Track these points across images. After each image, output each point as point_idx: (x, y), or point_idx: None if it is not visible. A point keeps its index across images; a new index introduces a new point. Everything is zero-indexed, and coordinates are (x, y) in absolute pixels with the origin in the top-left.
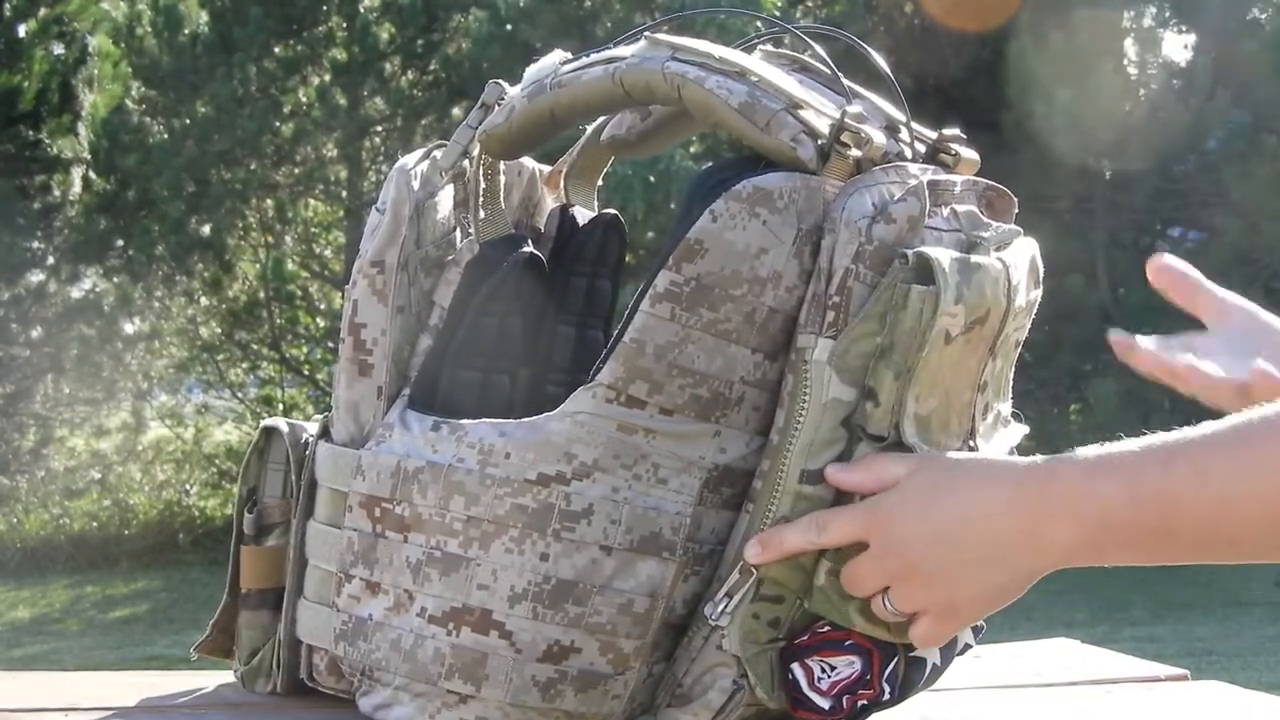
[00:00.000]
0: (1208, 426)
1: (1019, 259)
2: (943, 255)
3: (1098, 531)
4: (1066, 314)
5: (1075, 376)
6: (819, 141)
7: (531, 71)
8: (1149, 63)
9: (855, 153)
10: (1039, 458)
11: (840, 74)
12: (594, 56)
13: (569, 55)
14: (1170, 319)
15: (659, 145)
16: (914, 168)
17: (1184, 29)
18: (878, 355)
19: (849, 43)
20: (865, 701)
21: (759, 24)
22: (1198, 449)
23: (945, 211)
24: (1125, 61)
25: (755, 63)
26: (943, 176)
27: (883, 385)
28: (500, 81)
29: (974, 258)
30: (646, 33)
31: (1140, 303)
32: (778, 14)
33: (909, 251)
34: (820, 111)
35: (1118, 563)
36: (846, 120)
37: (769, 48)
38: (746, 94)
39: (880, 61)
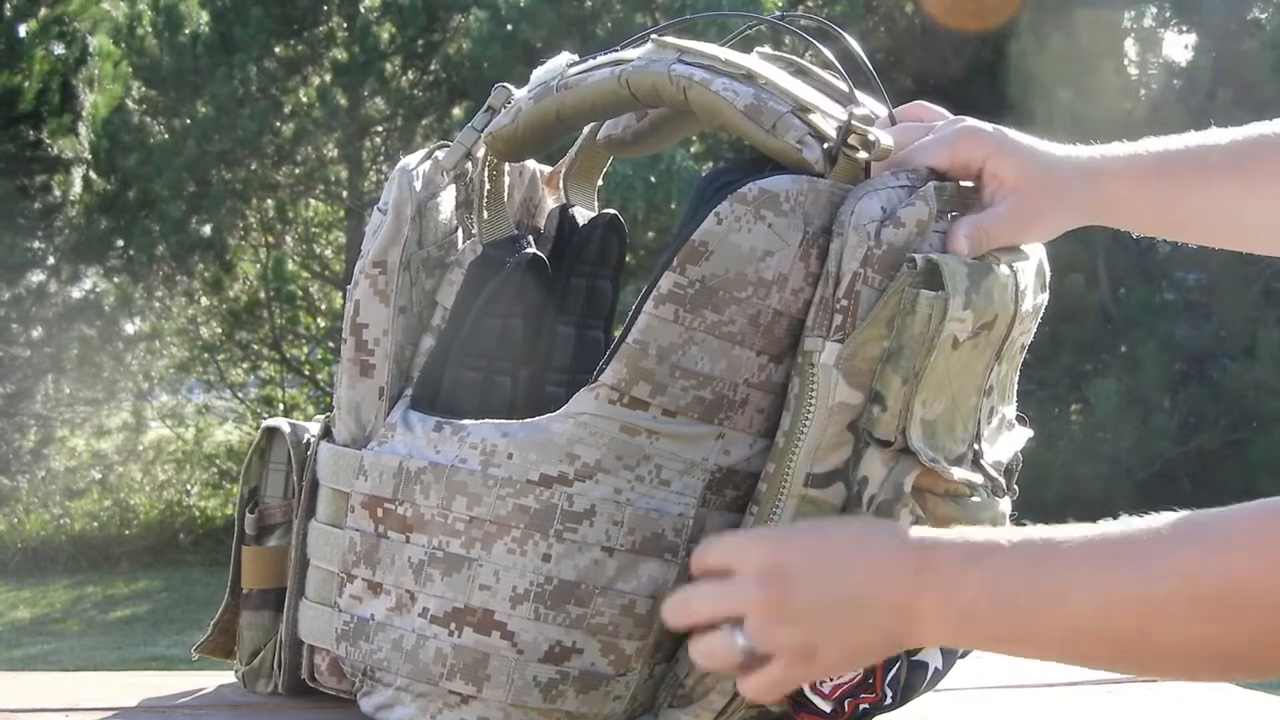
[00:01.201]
0: (1086, 531)
1: (1026, 264)
2: (952, 260)
3: (960, 622)
4: (1067, 314)
5: (1076, 376)
6: (825, 144)
7: (538, 74)
8: (1149, 63)
9: (862, 155)
10: (925, 532)
11: (842, 74)
12: (600, 59)
13: (575, 58)
14: (1170, 319)
15: (656, 145)
16: (922, 170)
17: (1184, 29)
18: (885, 359)
19: (843, 42)
20: (867, 705)
21: (763, 28)
22: (1065, 561)
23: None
24: (1126, 61)
25: (761, 65)
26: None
27: (890, 389)
28: (506, 85)
29: (983, 263)
30: (653, 35)
31: (1141, 303)
32: (779, 14)
33: (917, 256)
34: (827, 114)
35: (983, 650)
36: (853, 123)
37: (767, 49)
38: (753, 96)
39: (860, 53)
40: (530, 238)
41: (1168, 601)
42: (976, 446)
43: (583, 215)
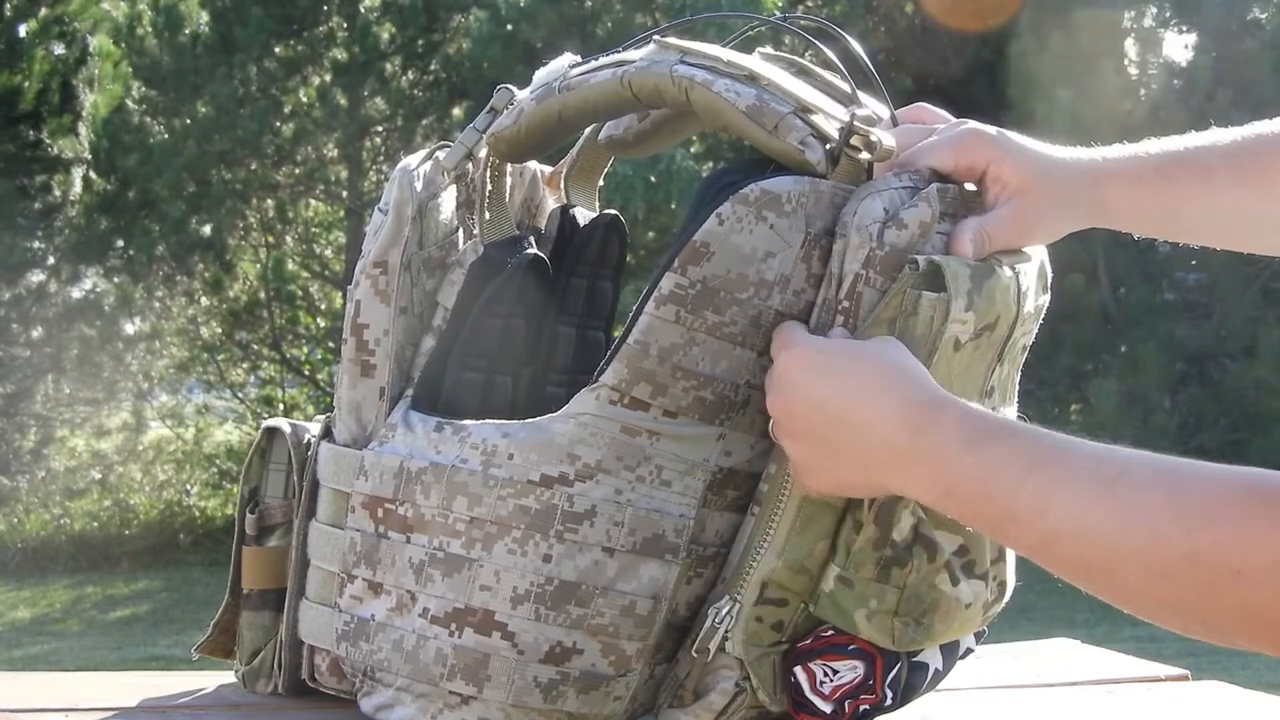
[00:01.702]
0: (1082, 448)
1: (1028, 265)
2: (954, 262)
3: (946, 499)
4: (1067, 314)
5: (1076, 376)
6: (828, 145)
7: (540, 75)
8: (1149, 63)
9: (865, 156)
10: (938, 395)
11: (844, 74)
12: (603, 60)
13: (578, 59)
14: (1171, 319)
15: (657, 146)
16: (925, 172)
17: (1184, 29)
18: None
19: (842, 42)
20: (867, 706)
21: (763, 29)
22: (1054, 476)
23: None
24: (1126, 61)
25: (763, 66)
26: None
27: None
28: (509, 86)
29: (985, 264)
30: (655, 36)
31: (1141, 303)
32: (779, 14)
33: (920, 258)
34: (829, 115)
35: (958, 520)
36: (855, 124)
37: (768, 49)
38: (755, 97)
39: (861, 54)
40: (531, 238)
41: (1133, 554)
42: None
43: (584, 216)
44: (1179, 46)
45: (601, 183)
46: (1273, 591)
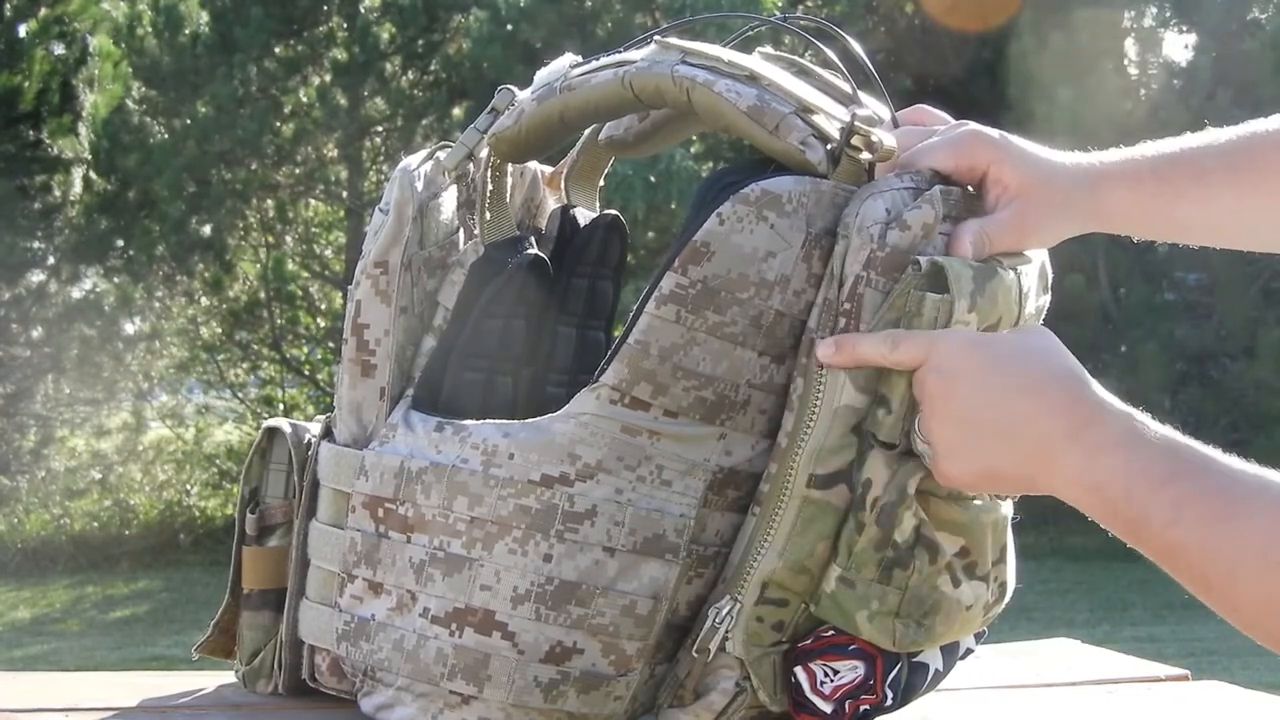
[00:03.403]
0: (1224, 465)
1: (1029, 266)
2: (956, 263)
3: (1090, 494)
4: (1067, 314)
5: None
6: (828, 145)
7: (542, 75)
8: (1149, 63)
9: (866, 156)
10: (1094, 391)
11: (844, 74)
12: (604, 60)
13: (579, 59)
14: (1171, 319)
15: (657, 146)
16: (926, 172)
17: (1184, 29)
18: None
19: (842, 42)
20: (867, 706)
21: (763, 29)
22: (1186, 489)
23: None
24: (1126, 61)
25: (764, 66)
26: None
27: (895, 392)
28: (510, 87)
29: (987, 265)
30: (655, 37)
31: (1141, 303)
32: (779, 14)
33: (922, 259)
34: (830, 115)
35: (1098, 519)
36: (856, 124)
37: (768, 49)
38: (756, 97)
39: (861, 54)
40: (531, 238)
41: (1247, 579)
42: None
43: (584, 216)
44: (1179, 46)
45: (602, 183)
46: None
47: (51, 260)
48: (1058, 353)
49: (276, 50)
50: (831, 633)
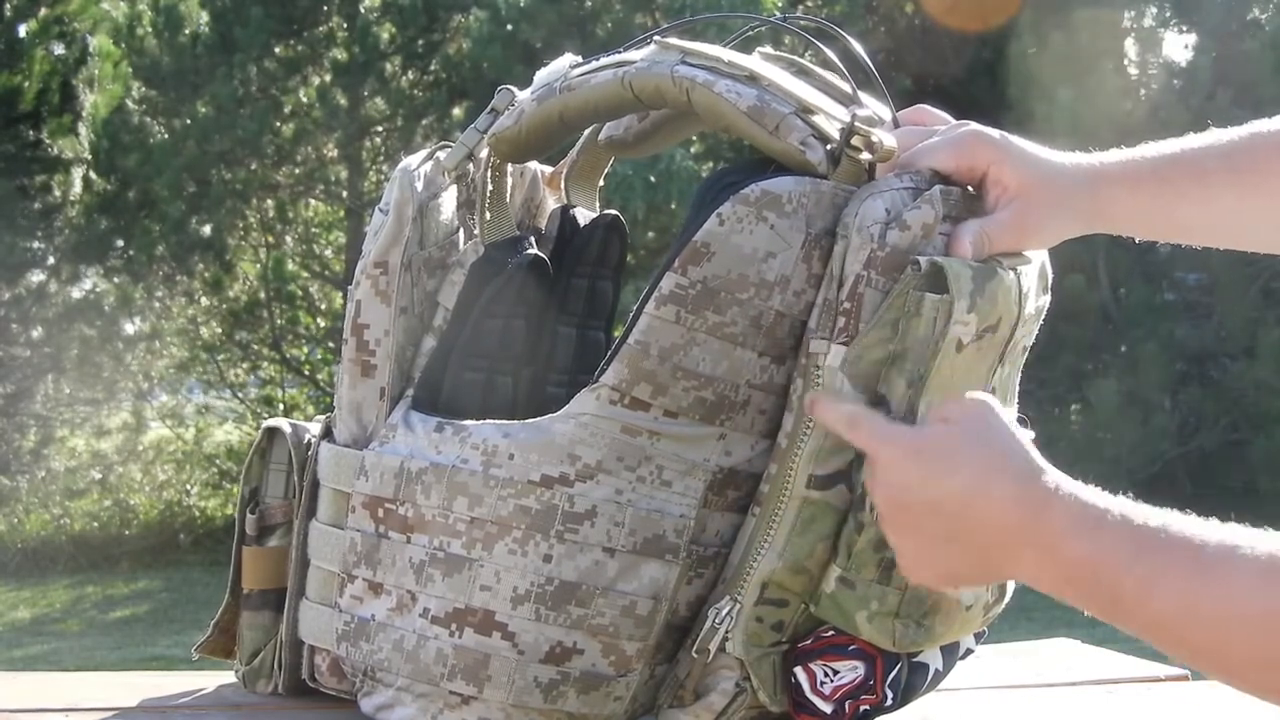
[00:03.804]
0: (1183, 530)
1: (1029, 266)
2: (956, 263)
3: (1061, 584)
4: (1067, 314)
5: (1076, 376)
6: (828, 145)
7: (541, 75)
8: (1149, 63)
9: (866, 156)
10: (1048, 480)
11: (844, 74)
12: (603, 60)
13: (578, 59)
14: (1171, 319)
15: (657, 146)
16: (926, 172)
17: (1184, 29)
18: (890, 362)
19: (842, 42)
20: (867, 706)
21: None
22: (1155, 563)
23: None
24: (1126, 61)
25: (764, 66)
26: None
27: (895, 392)
28: (510, 87)
29: (987, 266)
30: (655, 37)
31: (1141, 303)
32: (779, 14)
33: (922, 259)
34: (830, 115)
35: (1073, 604)
36: (856, 124)
37: (768, 49)
38: (756, 98)
39: (862, 54)
40: (532, 238)
41: (1236, 642)
42: None
43: (584, 216)
44: (1179, 46)
45: (602, 183)
46: None
47: (51, 260)
48: (996, 433)
49: (276, 50)
50: (831, 633)
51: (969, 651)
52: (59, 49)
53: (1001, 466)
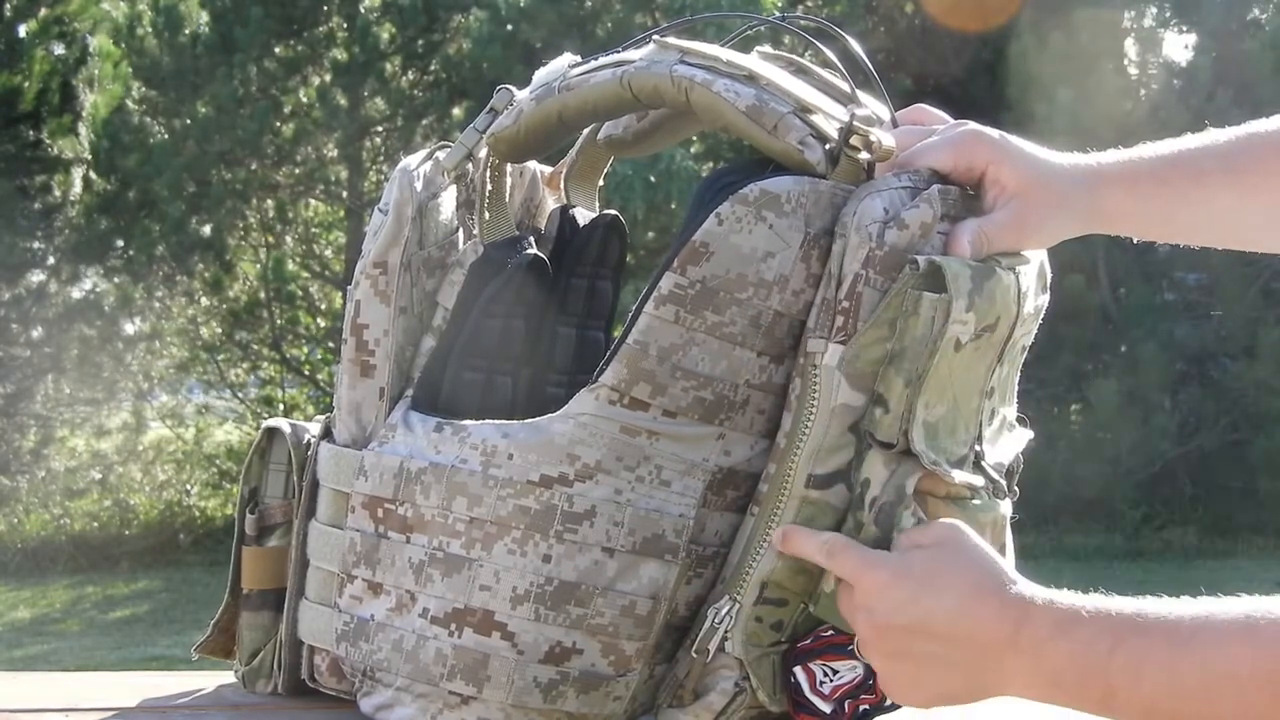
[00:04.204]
0: (1159, 609)
1: (1027, 266)
2: (954, 262)
3: (1048, 690)
4: (1067, 314)
5: (1075, 376)
6: (827, 145)
7: (540, 75)
8: (1149, 63)
9: (864, 156)
10: (1024, 590)
11: (843, 73)
12: (602, 60)
13: (578, 59)
14: (1171, 319)
15: (656, 145)
16: (924, 172)
17: (1184, 29)
18: (888, 361)
19: (841, 42)
20: (867, 706)
21: (762, 28)
22: (1135, 647)
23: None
24: (1126, 61)
25: (762, 66)
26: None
27: (892, 391)
28: (509, 87)
29: (986, 265)
30: (654, 36)
31: (1141, 303)
32: (778, 14)
33: (920, 258)
34: (829, 115)
35: (1068, 706)
36: (854, 123)
37: (767, 49)
38: (754, 97)
39: (860, 54)
40: (531, 238)
41: (1226, 708)
42: (978, 448)
43: (583, 216)
44: (1179, 46)
45: (601, 183)
46: None
47: (51, 260)
48: (974, 553)
49: (276, 50)
50: (831, 632)
51: None
52: (59, 49)
53: (984, 585)
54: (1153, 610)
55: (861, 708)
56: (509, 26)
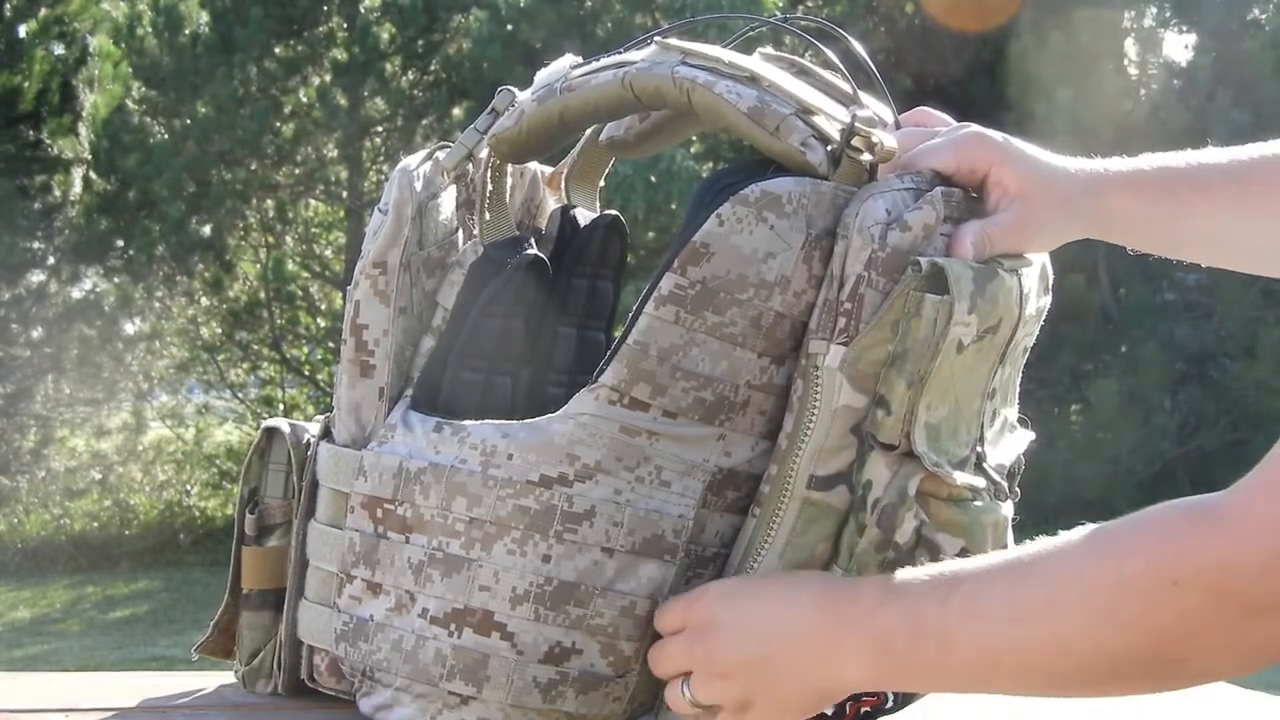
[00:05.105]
0: (993, 557)
1: (1029, 267)
2: (957, 264)
3: (882, 658)
4: (1067, 314)
5: (1076, 376)
6: (829, 146)
7: (542, 76)
8: (1149, 63)
9: (866, 157)
10: (842, 579)
11: (845, 74)
12: (604, 61)
13: (579, 59)
14: (1171, 319)
15: (658, 146)
16: (927, 173)
17: (1184, 29)
18: (889, 363)
19: (843, 43)
20: (868, 708)
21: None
22: (975, 583)
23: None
24: (1126, 61)
25: (764, 67)
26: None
27: (894, 393)
28: (510, 88)
29: (988, 267)
30: (656, 38)
31: (1141, 303)
32: (779, 15)
33: (922, 260)
34: (831, 116)
35: (905, 690)
36: (856, 125)
37: (768, 50)
38: (756, 98)
39: (864, 56)
40: (531, 238)
41: (1073, 612)
42: (979, 449)
43: (584, 216)
44: (1179, 46)
45: (602, 183)
46: (1210, 592)
47: (51, 260)
48: (790, 574)
49: (276, 50)
50: None
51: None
52: (59, 49)
53: (803, 579)
54: (977, 559)
55: (863, 709)
56: (509, 27)
